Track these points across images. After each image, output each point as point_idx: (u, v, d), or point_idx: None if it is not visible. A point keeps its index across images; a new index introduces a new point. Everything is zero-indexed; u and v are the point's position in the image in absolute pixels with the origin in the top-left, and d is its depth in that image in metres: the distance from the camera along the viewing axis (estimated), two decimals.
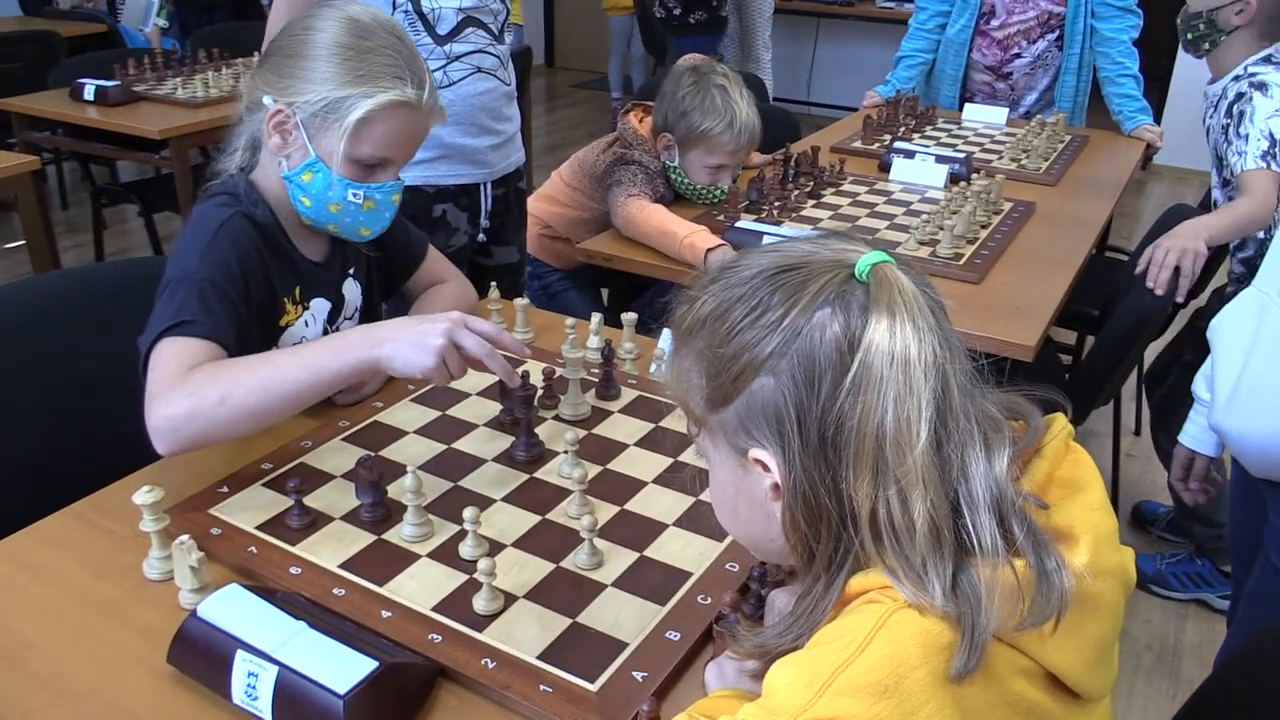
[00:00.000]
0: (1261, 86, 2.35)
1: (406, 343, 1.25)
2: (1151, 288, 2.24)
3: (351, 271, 1.61)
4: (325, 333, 1.55)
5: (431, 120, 1.44)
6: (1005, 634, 0.70)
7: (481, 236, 2.21)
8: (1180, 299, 2.34)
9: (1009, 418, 0.81)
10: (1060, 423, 0.85)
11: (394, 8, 1.94)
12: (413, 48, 1.42)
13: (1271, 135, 2.30)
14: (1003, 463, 0.73)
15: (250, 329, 1.39)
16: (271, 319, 1.46)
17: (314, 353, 1.27)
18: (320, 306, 1.54)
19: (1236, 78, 2.43)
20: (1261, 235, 2.42)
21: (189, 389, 1.22)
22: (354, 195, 1.40)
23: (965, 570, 0.70)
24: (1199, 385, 1.65)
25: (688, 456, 1.36)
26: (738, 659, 0.90)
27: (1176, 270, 2.23)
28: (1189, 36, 2.53)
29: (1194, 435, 1.71)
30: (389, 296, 1.73)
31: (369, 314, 1.67)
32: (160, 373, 1.24)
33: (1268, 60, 2.40)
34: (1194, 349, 2.41)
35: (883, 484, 0.71)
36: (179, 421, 1.21)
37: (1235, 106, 2.40)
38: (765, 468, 0.77)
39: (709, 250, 2.12)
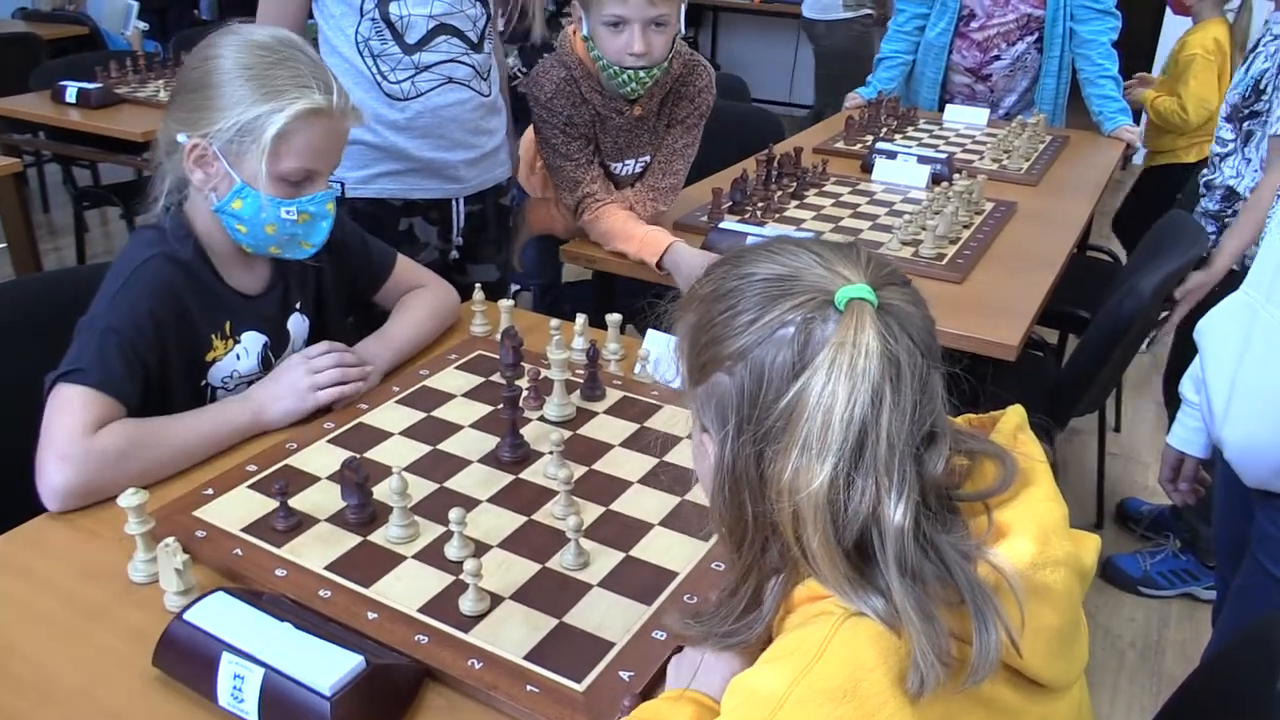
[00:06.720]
0: None
1: (284, 398, 1.43)
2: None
3: (298, 306, 1.58)
4: (265, 364, 1.53)
5: (347, 122, 1.42)
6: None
7: (454, 254, 2.16)
8: None
9: (983, 458, 0.81)
10: (1011, 416, 0.86)
11: (361, 15, 1.89)
12: (315, 56, 1.40)
13: None
14: (909, 518, 0.71)
15: (168, 371, 1.40)
16: (197, 356, 1.46)
17: (210, 424, 1.38)
18: (252, 340, 1.51)
19: None
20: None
21: (97, 461, 1.26)
22: (287, 212, 1.39)
23: (890, 598, 0.70)
24: (1186, 387, 1.62)
25: (673, 457, 1.37)
26: (696, 652, 0.91)
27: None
28: None
29: (1182, 436, 1.67)
30: (353, 314, 1.72)
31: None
32: (59, 427, 1.27)
33: None
34: None
35: (791, 508, 0.72)
36: (82, 491, 1.25)
37: None
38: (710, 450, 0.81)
39: (660, 259, 2.05)
